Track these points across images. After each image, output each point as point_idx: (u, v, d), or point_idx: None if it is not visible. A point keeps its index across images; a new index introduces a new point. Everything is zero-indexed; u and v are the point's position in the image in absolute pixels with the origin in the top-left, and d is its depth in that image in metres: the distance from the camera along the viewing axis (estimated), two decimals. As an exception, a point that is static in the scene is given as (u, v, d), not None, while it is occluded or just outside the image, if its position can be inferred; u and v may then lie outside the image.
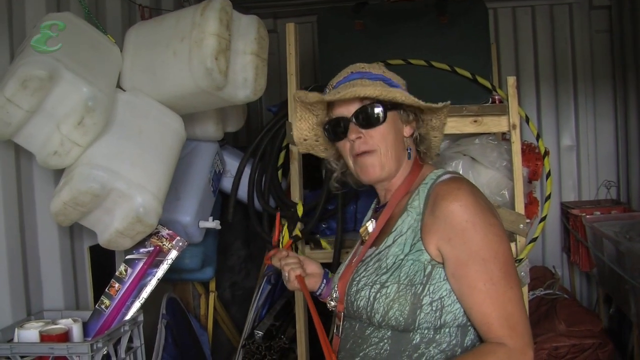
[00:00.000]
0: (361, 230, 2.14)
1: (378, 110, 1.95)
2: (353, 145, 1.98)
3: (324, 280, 2.30)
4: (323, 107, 2.07)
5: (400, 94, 1.92)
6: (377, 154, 1.96)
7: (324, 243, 3.46)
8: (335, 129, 2.02)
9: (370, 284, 1.88)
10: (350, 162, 2.03)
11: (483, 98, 3.42)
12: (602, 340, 4.12)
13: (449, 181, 1.92)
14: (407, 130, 2.05)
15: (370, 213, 2.30)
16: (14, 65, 2.39)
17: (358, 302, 1.89)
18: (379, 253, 1.95)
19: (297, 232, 3.27)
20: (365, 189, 2.33)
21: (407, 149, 2.06)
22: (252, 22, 2.83)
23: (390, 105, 1.97)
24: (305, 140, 2.18)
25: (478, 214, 1.81)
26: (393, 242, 1.92)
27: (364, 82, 1.97)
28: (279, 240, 2.30)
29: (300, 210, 3.24)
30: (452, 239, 1.80)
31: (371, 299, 1.85)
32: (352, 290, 1.93)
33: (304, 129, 2.16)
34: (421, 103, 1.95)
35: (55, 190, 2.51)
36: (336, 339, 2.04)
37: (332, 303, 2.08)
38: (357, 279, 1.94)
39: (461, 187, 1.87)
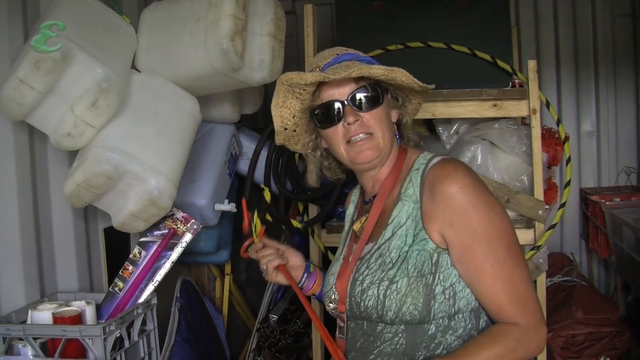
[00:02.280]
0: (355, 226, 2.06)
1: (375, 92, 1.89)
2: (349, 129, 1.89)
3: (305, 275, 2.24)
4: (311, 91, 1.94)
5: (402, 74, 1.86)
6: (374, 138, 1.89)
7: (295, 223, 3.47)
8: (328, 113, 1.91)
9: (377, 281, 1.82)
10: (342, 148, 1.92)
11: (503, 82, 3.38)
12: (620, 329, 4.09)
13: (443, 163, 1.86)
14: (394, 115, 1.99)
15: (352, 209, 2.24)
16: (27, 46, 2.37)
17: (366, 302, 1.83)
18: (379, 248, 1.88)
19: (266, 216, 3.24)
20: (343, 182, 2.28)
21: (396, 135, 2.01)
22: (269, 4, 2.79)
23: (382, 89, 1.92)
24: (285, 129, 2.04)
25: (477, 194, 1.78)
26: (393, 235, 1.86)
27: (355, 63, 1.87)
28: (250, 229, 2.22)
29: (267, 195, 3.18)
30: (454, 223, 1.76)
31: (381, 296, 1.80)
32: (356, 290, 1.87)
33: (285, 117, 2.01)
34: (418, 82, 1.88)
35: (68, 172, 2.49)
36: (340, 340, 1.98)
37: (332, 305, 2.01)
38: (360, 278, 1.87)
39: (457, 168, 1.82)
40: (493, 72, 3.40)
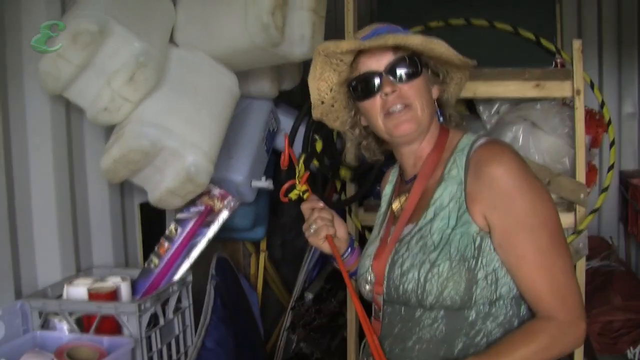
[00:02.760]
0: (394, 205, 2.01)
1: (413, 63, 1.82)
2: (386, 100, 1.82)
3: (349, 249, 2.17)
4: (349, 62, 1.88)
5: (441, 45, 1.80)
6: (412, 109, 1.82)
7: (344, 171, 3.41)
8: (366, 85, 1.85)
9: (418, 264, 1.76)
10: (380, 121, 1.86)
11: (546, 61, 3.32)
12: (659, 316, 4.03)
13: (489, 145, 1.80)
14: (434, 92, 1.92)
15: (390, 189, 2.18)
16: (64, 19, 2.35)
17: (405, 286, 1.78)
18: (420, 230, 1.82)
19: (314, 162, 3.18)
20: (382, 162, 2.21)
21: (437, 111, 1.94)
22: (309, -23, 2.75)
23: (422, 62, 1.86)
24: (322, 103, 1.99)
25: (524, 178, 1.72)
26: (435, 216, 1.80)
27: (396, 35, 1.80)
28: (288, 166, 2.17)
29: (319, 145, 3.13)
30: (497, 206, 1.71)
31: (422, 280, 1.74)
32: (395, 273, 1.82)
33: (322, 90, 1.96)
34: (458, 56, 1.82)
35: (105, 147, 2.49)
36: (376, 322, 1.94)
37: (368, 287, 1.95)
38: (400, 260, 1.82)
39: (504, 150, 1.76)
40: (536, 51, 3.33)
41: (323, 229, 2.07)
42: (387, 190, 2.19)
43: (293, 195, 2.18)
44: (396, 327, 1.86)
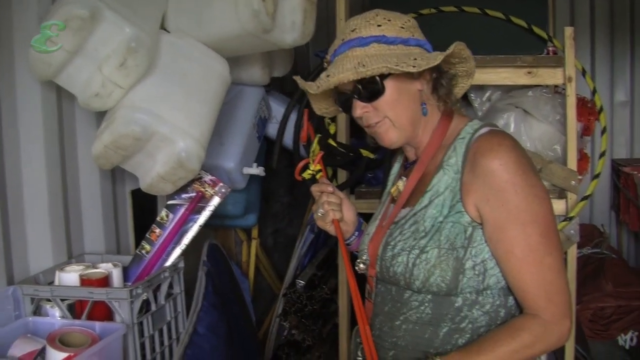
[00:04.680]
0: (392, 189, 2.04)
1: (373, 83, 1.81)
2: (363, 117, 1.87)
3: (356, 232, 2.21)
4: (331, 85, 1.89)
5: (382, 66, 1.74)
6: (388, 121, 1.84)
7: (365, 152, 3.40)
8: (342, 104, 1.92)
9: (408, 249, 1.79)
10: (367, 131, 1.93)
11: (538, 49, 3.32)
12: (650, 303, 4.05)
13: (489, 136, 1.80)
14: (418, 85, 1.89)
15: (396, 169, 2.21)
16: (55, 5, 2.35)
17: (395, 268, 1.81)
18: (414, 215, 1.84)
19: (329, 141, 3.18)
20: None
21: (422, 104, 1.90)
22: (301, -36, 2.74)
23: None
24: (326, 111, 2.11)
25: (519, 173, 1.71)
26: (429, 203, 1.82)
27: (354, 52, 1.80)
28: (307, 140, 2.18)
29: (332, 129, 3.13)
30: (490, 200, 1.71)
31: (410, 264, 1.77)
32: (387, 255, 1.84)
33: (323, 106, 2.10)
34: (400, 68, 1.73)
35: (96, 133, 2.48)
36: (368, 303, 1.97)
37: (362, 266, 1.98)
38: (392, 243, 1.84)
39: (502, 142, 1.75)
40: (528, 38, 3.33)
41: (330, 213, 2.12)
42: (395, 169, 2.23)
43: (306, 175, 2.21)
44: (387, 305, 1.89)
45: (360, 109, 1.84)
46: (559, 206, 3.12)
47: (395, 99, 1.84)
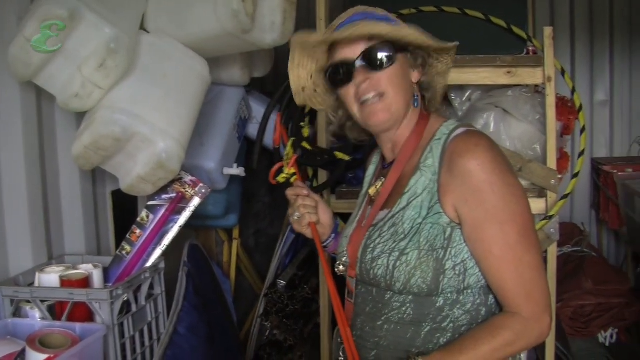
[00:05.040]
0: (371, 190, 2.04)
1: (386, 51, 1.83)
2: (360, 89, 1.85)
3: (333, 235, 2.23)
4: (325, 51, 1.92)
5: (411, 33, 1.81)
6: (385, 98, 1.84)
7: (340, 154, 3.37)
8: (339, 74, 1.88)
9: (388, 251, 1.80)
10: (355, 109, 1.90)
11: (517, 49, 3.33)
12: (629, 300, 4.09)
13: (466, 136, 1.82)
14: (414, 76, 1.93)
15: (371, 171, 2.22)
16: (35, 5, 2.33)
17: (375, 271, 1.82)
18: (392, 217, 1.85)
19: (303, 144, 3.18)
20: (366, 144, 2.24)
21: (414, 96, 1.94)
22: (280, -37, 2.74)
23: (398, 47, 1.86)
24: (303, 90, 2.03)
25: (496, 173, 1.73)
26: (408, 204, 1.83)
27: (367, 22, 1.82)
28: (278, 146, 2.18)
29: (306, 132, 3.14)
30: (468, 200, 1.73)
31: (390, 267, 1.78)
32: (367, 257, 1.85)
33: (302, 77, 2.00)
34: (432, 42, 1.83)
35: (76, 134, 2.47)
36: (348, 304, 1.98)
37: (342, 268, 1.99)
38: (372, 245, 1.85)
39: (479, 143, 1.77)
40: (507, 38, 3.35)
41: (306, 216, 2.14)
42: (369, 170, 2.23)
43: (281, 178, 2.21)
44: (368, 306, 1.89)
45: (361, 77, 1.84)
46: (539, 205, 3.13)
47: (398, 76, 1.86)
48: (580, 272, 4.18)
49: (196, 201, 2.72)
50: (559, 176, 3.19)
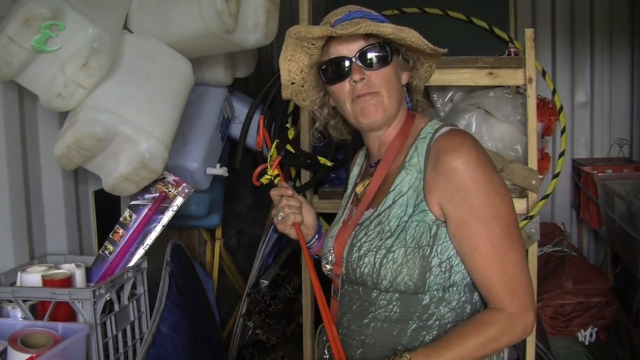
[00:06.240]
0: (357, 188, 2.06)
1: (383, 51, 1.85)
2: (355, 87, 1.86)
3: (316, 235, 2.23)
4: (320, 46, 1.92)
5: (412, 34, 1.82)
6: (380, 96, 1.86)
7: (322, 159, 3.38)
8: (335, 70, 1.89)
9: (375, 249, 1.81)
10: (348, 106, 1.90)
11: (499, 50, 3.36)
12: (609, 299, 4.13)
13: (451, 135, 1.84)
14: (403, 78, 1.96)
15: (356, 171, 2.23)
16: (17, 4, 2.32)
17: (362, 269, 1.83)
18: (378, 215, 1.87)
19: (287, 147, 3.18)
20: (348, 143, 2.26)
21: (406, 98, 1.98)
22: (263, -36, 2.75)
23: (393, 48, 1.88)
24: (292, 83, 2.03)
25: (481, 171, 1.75)
26: (393, 203, 1.85)
27: (367, 21, 1.83)
28: (261, 149, 2.18)
29: (291, 134, 3.15)
30: (453, 198, 1.75)
31: (377, 265, 1.79)
32: (353, 256, 1.86)
33: (293, 71, 2.00)
34: (429, 45, 1.84)
35: (59, 134, 2.47)
36: (334, 302, 1.99)
37: (328, 267, 2.01)
38: (358, 244, 1.86)
39: (464, 141, 1.79)
40: (489, 39, 3.37)
41: (290, 216, 2.13)
42: (354, 171, 2.24)
43: (264, 180, 2.21)
44: (354, 304, 1.90)
45: (359, 74, 1.84)
46: (520, 205, 3.16)
47: (392, 76, 1.88)
48: (560, 272, 4.22)
49: (179, 201, 2.72)
50: (540, 176, 3.22)
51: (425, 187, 1.80)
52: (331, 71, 1.91)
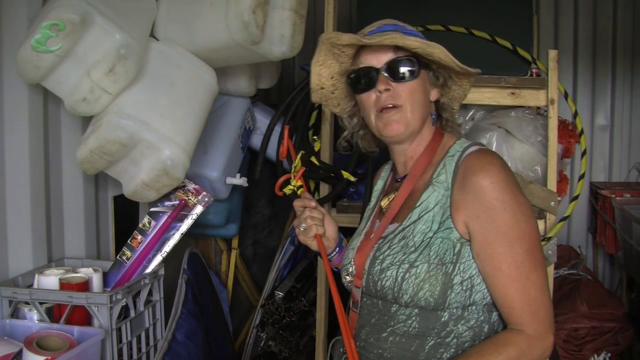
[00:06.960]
0: (382, 202, 2.05)
1: (411, 64, 1.86)
2: (380, 98, 1.87)
3: (337, 248, 2.22)
4: (351, 55, 1.94)
5: (440, 51, 1.82)
6: (403, 110, 1.86)
7: (346, 174, 3.38)
8: (362, 79, 1.91)
9: (398, 263, 1.80)
10: (373, 117, 1.91)
11: (522, 70, 3.35)
12: (623, 325, 4.09)
13: (479, 154, 1.84)
14: (433, 94, 1.96)
15: (380, 185, 2.23)
16: (46, 8, 2.35)
17: (383, 282, 1.82)
18: (403, 229, 1.86)
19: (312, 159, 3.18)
20: (375, 155, 2.25)
21: (432, 114, 1.98)
22: (291, -23, 2.76)
23: (423, 63, 1.88)
24: (322, 88, 2.04)
25: (508, 192, 1.74)
26: (419, 218, 1.84)
27: (399, 34, 1.83)
28: (286, 157, 2.18)
29: (317, 145, 3.14)
30: (480, 217, 1.74)
31: (399, 279, 1.78)
32: (375, 269, 1.86)
33: (323, 76, 2.01)
34: (458, 63, 1.84)
35: (82, 138, 2.48)
36: (353, 314, 1.98)
37: (348, 278, 2.00)
38: (381, 257, 1.86)
39: (493, 161, 1.79)
40: (512, 59, 3.36)
41: (312, 228, 2.12)
42: (378, 185, 2.24)
43: (287, 190, 2.21)
44: (373, 317, 1.89)
45: (384, 85, 1.85)
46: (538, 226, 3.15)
47: (418, 91, 1.88)
48: (575, 295, 4.18)
49: (198, 209, 2.73)
50: (558, 198, 3.21)
51: (452, 204, 1.80)
52: (358, 80, 1.92)
